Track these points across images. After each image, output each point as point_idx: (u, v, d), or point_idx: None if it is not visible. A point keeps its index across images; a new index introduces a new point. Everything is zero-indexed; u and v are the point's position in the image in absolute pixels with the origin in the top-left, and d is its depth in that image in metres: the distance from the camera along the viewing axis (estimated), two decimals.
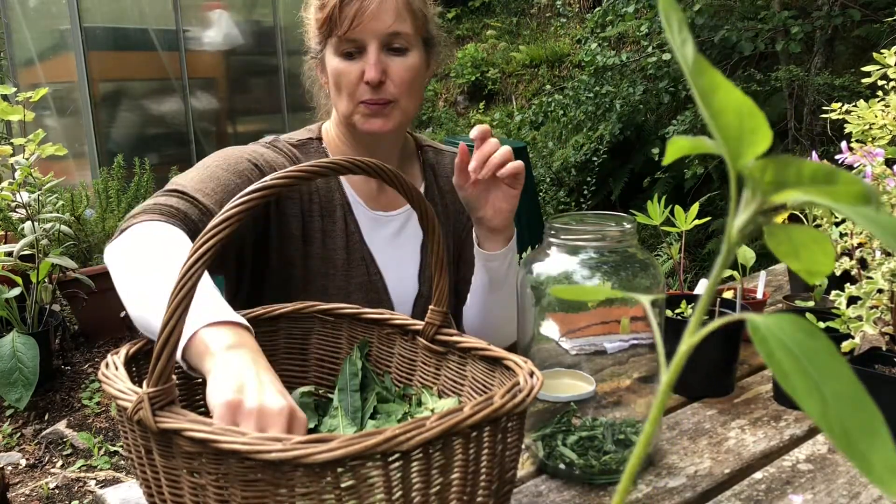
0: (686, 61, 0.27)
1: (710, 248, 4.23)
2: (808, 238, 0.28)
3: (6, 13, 4.91)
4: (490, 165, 1.02)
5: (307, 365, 0.89)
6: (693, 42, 0.27)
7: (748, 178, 0.28)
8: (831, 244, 0.28)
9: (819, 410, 0.25)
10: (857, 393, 0.25)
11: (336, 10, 1.09)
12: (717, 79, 0.26)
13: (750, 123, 0.26)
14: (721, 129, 0.27)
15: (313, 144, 1.22)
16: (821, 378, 0.25)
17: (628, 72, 4.62)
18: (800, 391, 0.25)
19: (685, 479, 0.85)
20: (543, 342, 0.86)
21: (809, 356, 0.26)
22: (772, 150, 0.27)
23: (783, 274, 1.67)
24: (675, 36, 0.28)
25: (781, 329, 0.26)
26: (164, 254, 0.87)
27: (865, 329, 0.90)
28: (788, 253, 0.29)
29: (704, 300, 0.30)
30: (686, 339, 0.29)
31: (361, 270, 1.18)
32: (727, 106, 0.27)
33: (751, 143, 0.27)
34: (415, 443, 0.54)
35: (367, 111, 1.12)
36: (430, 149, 1.32)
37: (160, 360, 0.57)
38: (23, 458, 2.62)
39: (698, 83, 0.27)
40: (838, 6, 3.79)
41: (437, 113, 7.02)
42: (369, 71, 1.09)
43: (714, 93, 0.27)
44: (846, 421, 0.24)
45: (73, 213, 3.44)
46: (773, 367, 0.26)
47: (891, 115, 1.09)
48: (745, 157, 0.27)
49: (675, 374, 0.29)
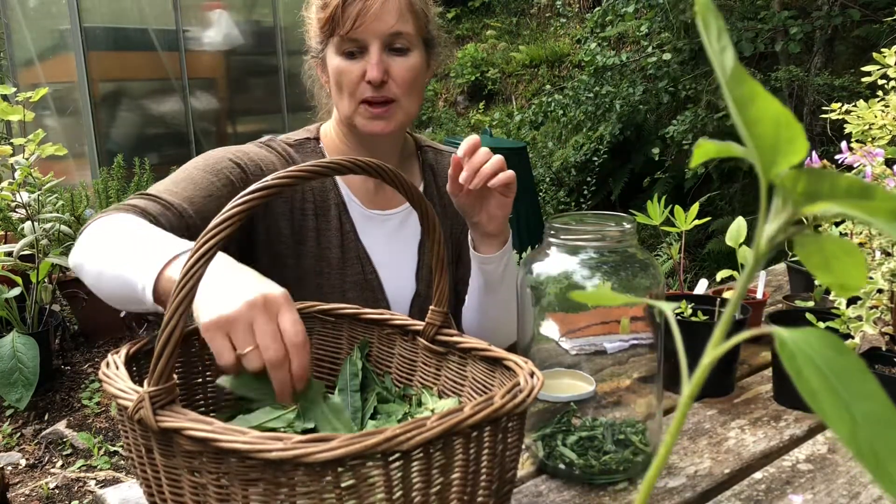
0: (724, 69, 0.27)
1: (710, 248, 4.23)
2: (840, 249, 0.27)
3: (6, 13, 4.91)
4: (481, 175, 1.02)
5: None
6: (733, 50, 0.27)
7: (780, 188, 0.27)
8: (863, 256, 0.28)
9: (848, 431, 0.24)
10: (888, 413, 0.24)
11: (338, 10, 1.09)
12: (756, 88, 0.26)
13: (787, 133, 0.26)
14: (756, 138, 0.27)
15: (310, 144, 1.22)
16: (851, 398, 0.24)
17: (628, 72, 4.62)
18: (828, 411, 0.24)
19: (685, 479, 0.85)
20: (543, 342, 0.87)
21: (839, 374, 0.25)
22: None
23: (783, 274, 1.67)
24: (714, 43, 0.28)
25: (810, 345, 0.26)
26: (119, 233, 0.91)
27: (865, 329, 0.90)
28: (819, 265, 0.28)
29: (729, 311, 0.29)
30: (710, 351, 0.28)
31: (357, 269, 1.18)
32: (764, 115, 0.26)
33: (786, 152, 0.26)
34: (415, 443, 0.54)
35: (369, 114, 1.13)
36: (429, 149, 1.32)
37: (161, 359, 0.58)
38: (23, 458, 2.62)
39: (735, 92, 0.27)
40: (838, 6, 3.79)
41: (437, 113, 7.02)
42: (371, 70, 1.09)
43: (752, 102, 0.26)
44: (876, 442, 0.24)
45: (73, 213, 3.44)
46: (800, 386, 0.25)
47: (891, 115, 1.09)
48: (778, 166, 0.27)
49: (698, 386, 0.29)
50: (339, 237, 1.18)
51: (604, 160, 4.84)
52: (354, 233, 1.20)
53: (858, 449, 0.24)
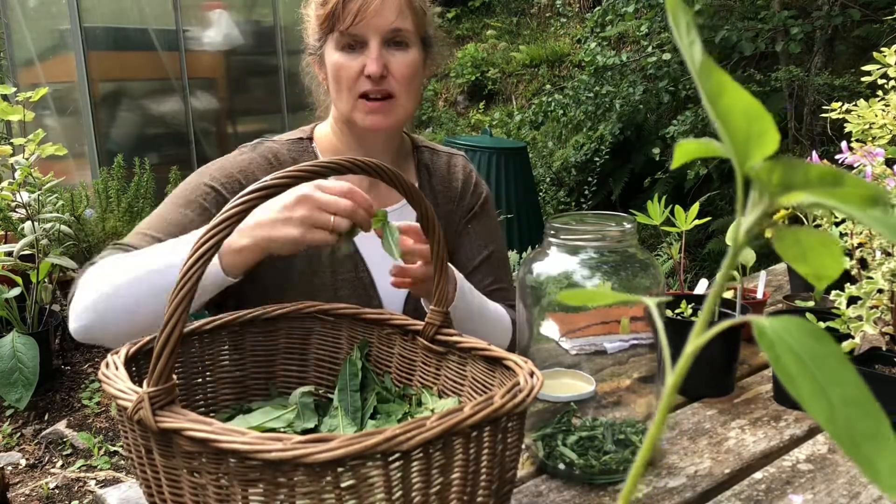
0: (693, 63, 0.27)
1: (710, 248, 4.23)
2: (817, 241, 0.28)
3: (6, 13, 4.91)
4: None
5: (307, 365, 0.89)
6: (701, 43, 0.27)
7: (755, 181, 0.27)
8: (840, 247, 0.28)
9: (826, 415, 0.24)
10: (864, 398, 0.25)
11: (339, 6, 1.09)
12: (725, 81, 0.26)
13: (758, 126, 0.26)
14: (729, 132, 0.27)
15: (302, 144, 1.22)
16: (827, 383, 0.25)
17: (628, 72, 4.62)
18: (806, 396, 0.25)
19: (685, 479, 0.85)
20: (543, 342, 0.86)
21: (816, 360, 0.25)
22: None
23: (783, 274, 1.67)
24: (683, 37, 0.28)
25: (788, 332, 0.26)
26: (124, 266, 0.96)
27: (865, 329, 0.90)
28: (796, 256, 0.29)
29: (709, 303, 0.29)
30: (692, 340, 0.29)
31: (349, 267, 1.18)
32: (735, 108, 0.26)
33: (758, 145, 0.27)
34: (415, 443, 0.54)
35: (367, 108, 1.13)
36: (425, 149, 1.32)
37: (160, 360, 0.57)
38: (23, 458, 2.62)
39: (706, 85, 0.27)
40: (838, 6, 3.79)
41: (437, 113, 7.02)
42: (371, 65, 1.09)
43: (722, 95, 0.27)
44: (853, 426, 0.24)
45: (73, 213, 3.44)
46: (778, 371, 0.26)
47: (891, 115, 1.09)
48: (752, 159, 0.27)
49: (681, 376, 0.29)
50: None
51: (604, 160, 4.84)
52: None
53: (836, 432, 0.24)
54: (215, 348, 0.83)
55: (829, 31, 3.96)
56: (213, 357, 0.83)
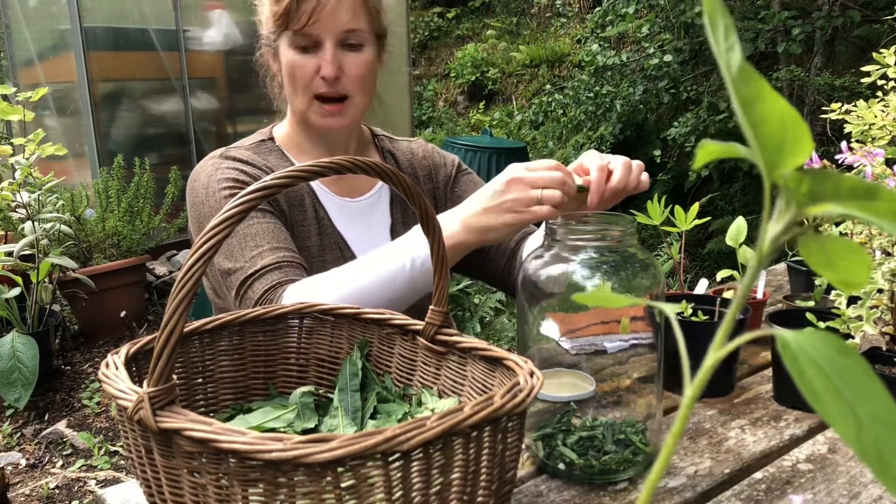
0: (730, 68, 0.27)
1: (710, 248, 4.23)
2: (844, 248, 0.27)
3: (6, 13, 4.91)
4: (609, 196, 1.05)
5: (307, 365, 0.89)
6: (741, 49, 0.27)
7: (783, 189, 0.27)
8: (867, 254, 0.28)
9: (853, 433, 0.23)
10: (893, 414, 0.24)
11: (293, 5, 1.09)
12: (763, 87, 0.26)
13: (793, 133, 0.26)
14: (761, 138, 0.26)
15: (267, 145, 1.23)
16: (854, 399, 0.24)
17: (628, 72, 4.62)
18: (832, 412, 0.24)
19: (685, 479, 0.85)
20: (543, 342, 0.86)
21: (842, 375, 0.24)
22: None
23: (783, 274, 1.67)
24: (721, 41, 0.27)
25: (812, 346, 0.25)
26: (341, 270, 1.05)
27: (865, 329, 0.90)
28: (823, 263, 0.28)
29: (732, 312, 0.28)
30: (712, 353, 0.28)
31: (336, 254, 1.20)
32: (770, 115, 0.26)
33: (791, 152, 0.26)
34: (415, 443, 0.54)
35: (323, 111, 1.15)
36: (384, 137, 1.36)
37: (160, 360, 0.57)
38: (23, 458, 2.62)
39: (741, 91, 0.26)
40: (838, 6, 3.79)
41: (437, 113, 7.02)
42: (325, 67, 1.10)
43: (758, 102, 0.26)
44: (881, 443, 0.23)
45: (73, 213, 3.44)
46: (803, 387, 0.25)
47: (891, 116, 1.09)
48: (782, 167, 0.27)
49: (700, 388, 0.29)
50: (316, 225, 1.20)
51: None
52: (329, 220, 1.21)
53: (863, 450, 0.23)
54: (215, 348, 0.83)
55: (829, 31, 3.96)
56: (213, 357, 0.83)
